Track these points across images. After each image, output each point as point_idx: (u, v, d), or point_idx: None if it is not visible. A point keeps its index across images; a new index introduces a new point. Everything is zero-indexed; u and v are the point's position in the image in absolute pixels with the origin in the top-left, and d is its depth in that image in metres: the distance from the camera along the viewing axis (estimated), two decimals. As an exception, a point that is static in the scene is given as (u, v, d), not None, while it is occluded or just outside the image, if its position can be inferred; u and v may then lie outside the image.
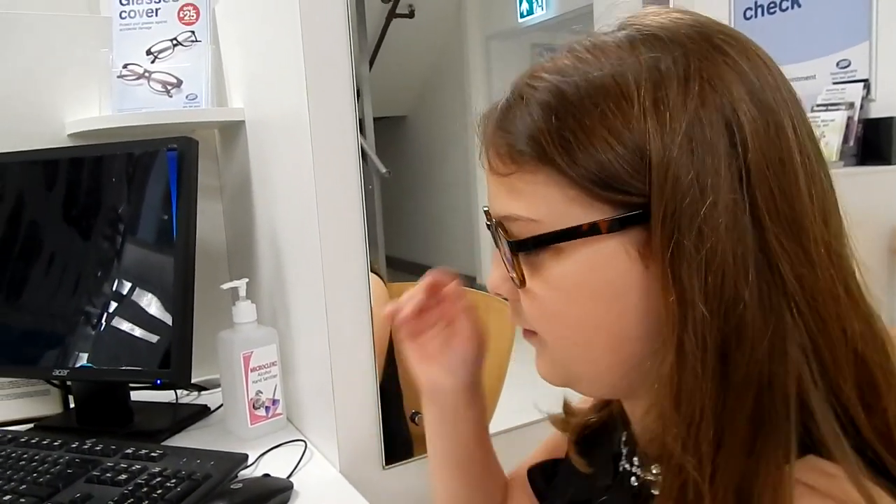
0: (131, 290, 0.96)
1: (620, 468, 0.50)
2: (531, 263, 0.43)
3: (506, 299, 0.48)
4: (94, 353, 0.97)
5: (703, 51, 0.39)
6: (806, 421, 0.38)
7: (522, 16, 4.11)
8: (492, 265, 0.48)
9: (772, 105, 0.39)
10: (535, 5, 4.01)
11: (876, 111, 2.49)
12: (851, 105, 2.39)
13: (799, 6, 2.36)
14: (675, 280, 0.37)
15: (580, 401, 0.62)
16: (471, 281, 4.65)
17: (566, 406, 0.61)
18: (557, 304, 0.43)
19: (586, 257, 0.41)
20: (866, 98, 2.48)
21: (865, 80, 2.48)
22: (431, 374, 0.65)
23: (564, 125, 0.40)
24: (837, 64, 2.55)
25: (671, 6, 0.46)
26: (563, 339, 0.44)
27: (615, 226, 0.39)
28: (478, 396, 0.67)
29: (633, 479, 0.48)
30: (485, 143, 0.45)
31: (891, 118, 2.43)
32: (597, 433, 0.56)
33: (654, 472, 0.45)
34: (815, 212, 0.39)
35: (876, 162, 2.33)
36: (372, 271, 1.11)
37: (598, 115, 0.39)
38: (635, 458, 0.48)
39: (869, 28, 2.46)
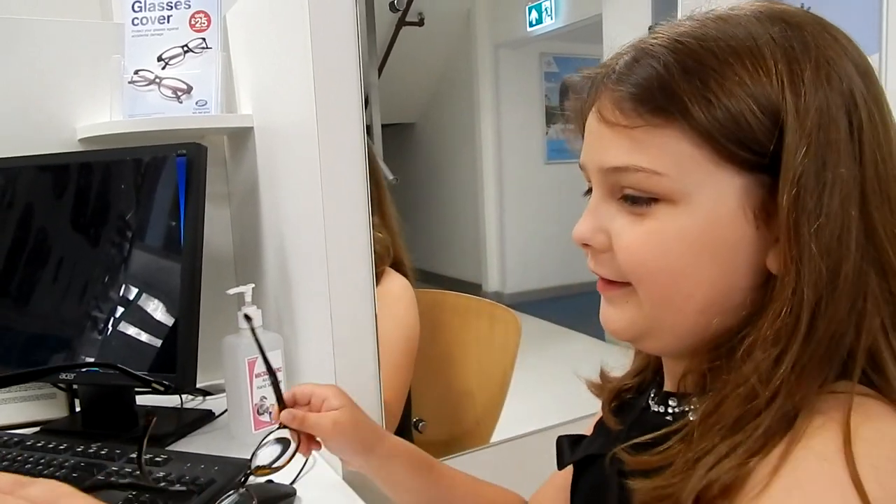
0: (138, 294, 0.97)
1: (651, 411, 0.52)
2: (639, 214, 0.45)
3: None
4: (101, 358, 0.97)
5: (825, 38, 0.44)
6: (871, 373, 0.42)
7: (531, 24, 4.12)
8: (583, 216, 0.49)
9: (878, 95, 0.44)
10: (543, 14, 4.02)
11: (886, 123, 2.47)
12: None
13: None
14: (796, 239, 0.41)
15: (616, 370, 0.63)
16: (476, 288, 4.66)
17: (602, 373, 0.62)
18: (665, 257, 0.44)
19: (706, 214, 0.43)
20: (876, 110, 2.47)
21: (875, 92, 2.47)
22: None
23: (706, 86, 0.42)
24: (847, 75, 2.53)
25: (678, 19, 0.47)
26: (662, 291, 0.45)
27: (741, 178, 0.43)
28: (379, 446, 0.72)
29: (668, 416, 0.50)
30: (593, 96, 0.47)
31: (900, 130, 2.41)
32: (631, 395, 0.58)
33: (693, 402, 0.47)
34: None
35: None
36: (396, 266, 1.12)
37: (737, 79, 0.42)
38: (671, 401, 0.50)
39: (879, 41, 2.45)
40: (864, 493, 0.35)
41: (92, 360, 0.97)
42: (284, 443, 0.72)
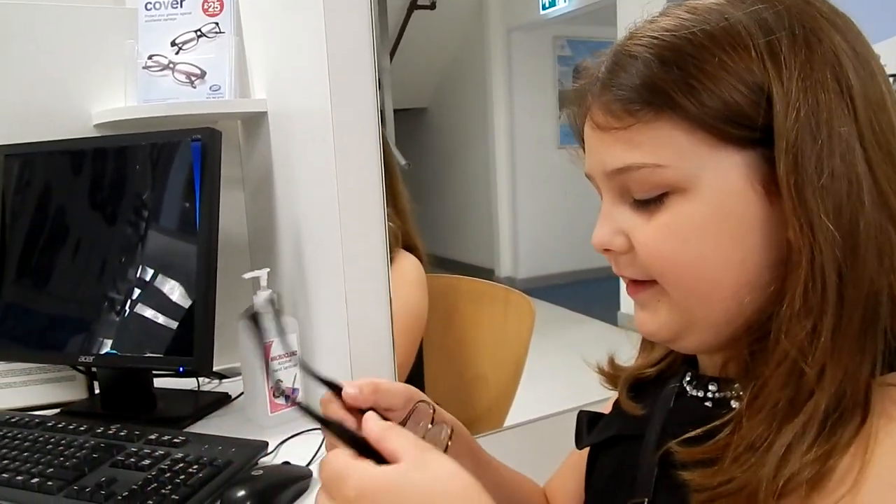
0: (154, 278, 0.98)
1: (688, 395, 0.52)
2: (652, 210, 0.46)
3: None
4: (119, 340, 0.99)
5: (799, 5, 0.44)
6: None
7: (544, 7, 4.08)
8: (598, 222, 0.49)
9: (864, 53, 0.44)
10: (557, -3, 3.97)
11: (906, 106, 2.44)
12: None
13: (828, -2, 2.32)
14: (800, 203, 0.41)
15: (626, 360, 0.63)
16: (489, 273, 4.65)
17: (612, 362, 0.62)
18: (685, 246, 0.45)
19: (716, 195, 0.44)
20: (896, 92, 2.43)
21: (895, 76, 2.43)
22: None
23: (687, 73, 0.43)
24: (867, 57, 2.49)
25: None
26: (688, 282, 0.45)
27: (741, 156, 0.43)
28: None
29: (707, 402, 0.50)
30: (585, 108, 0.49)
31: (921, 113, 2.38)
32: (650, 383, 0.58)
33: (735, 388, 0.47)
34: None
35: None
36: (409, 249, 1.12)
37: (717, 62, 0.43)
38: (711, 385, 0.50)
39: (900, 20, 2.40)
40: None
41: (110, 342, 0.99)
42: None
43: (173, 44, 1.13)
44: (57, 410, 1.04)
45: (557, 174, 4.26)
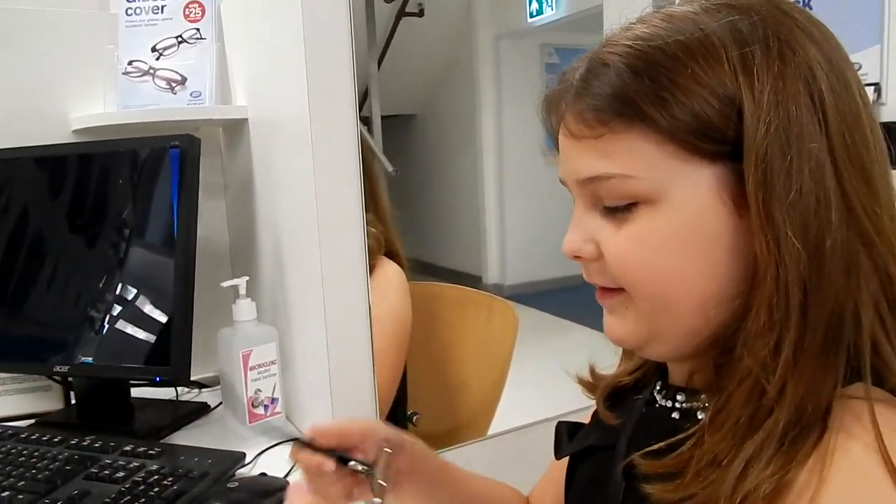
0: (132, 286, 0.96)
1: (657, 405, 0.52)
2: (621, 220, 0.45)
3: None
4: (95, 350, 0.97)
5: (775, 15, 0.44)
6: (869, 352, 0.41)
7: (532, 15, 4.09)
8: (570, 229, 0.49)
9: (839, 64, 0.43)
10: (544, 5, 3.99)
11: (887, 115, 2.46)
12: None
13: (810, 8, 2.34)
14: (767, 219, 0.41)
15: (605, 368, 0.63)
16: (477, 280, 4.65)
17: (592, 371, 0.62)
18: (654, 257, 0.45)
19: (685, 208, 0.43)
20: (877, 102, 2.45)
21: (876, 84, 2.46)
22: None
23: (659, 84, 0.42)
24: (849, 67, 2.51)
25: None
26: (656, 292, 0.45)
27: (710, 169, 0.43)
28: (425, 471, 0.65)
29: (674, 413, 0.50)
30: (559, 114, 0.48)
31: (902, 122, 2.40)
32: (628, 391, 0.58)
33: (701, 399, 0.48)
34: (879, 160, 0.43)
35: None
36: (390, 256, 1.11)
37: (689, 73, 0.42)
38: (678, 395, 0.50)
39: (880, 32, 2.43)
40: None
41: (86, 351, 0.97)
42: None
43: (154, 49, 1.12)
44: (32, 421, 1.02)
45: (545, 181, 4.27)
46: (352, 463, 0.57)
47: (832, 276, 0.41)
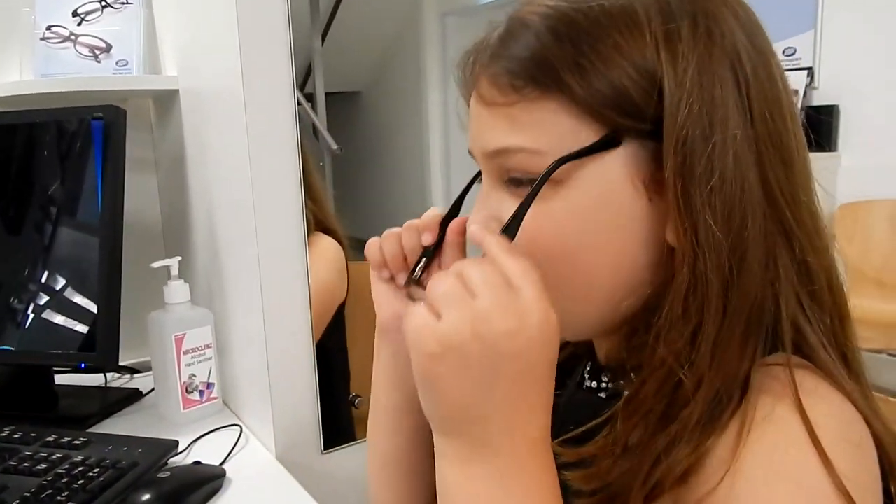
0: (53, 268, 0.91)
1: (584, 387, 0.51)
2: (524, 196, 0.42)
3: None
4: (14, 336, 0.91)
5: None
6: (791, 334, 0.41)
7: (479, -8, 4.06)
8: (474, 207, 0.46)
9: (764, 49, 0.42)
10: (491, -18, 3.96)
11: (818, 99, 2.56)
12: (795, 93, 2.46)
13: (749, -8, 2.40)
14: (686, 206, 0.39)
15: None
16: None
17: None
18: (560, 238, 0.42)
19: (593, 189, 0.41)
20: (810, 86, 2.54)
21: (809, 69, 2.54)
22: (395, 306, 0.56)
23: (578, 51, 0.40)
24: (783, 52, 2.60)
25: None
26: (561, 274, 0.42)
27: (623, 149, 0.40)
28: None
29: (601, 393, 0.49)
30: (474, 76, 0.45)
31: (833, 106, 2.50)
32: (559, 372, 0.55)
33: (622, 382, 0.47)
34: (799, 148, 0.42)
35: (818, 149, 2.41)
36: (326, 233, 1.07)
37: (611, 42, 0.39)
38: (603, 376, 0.49)
39: (815, 17, 2.51)
40: (837, 477, 0.35)
41: (5, 338, 0.91)
42: None
43: (75, 14, 1.04)
44: (-56, 411, 0.96)
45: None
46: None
47: (753, 266, 0.39)
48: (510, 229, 0.41)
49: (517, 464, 0.37)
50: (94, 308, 0.88)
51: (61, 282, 0.90)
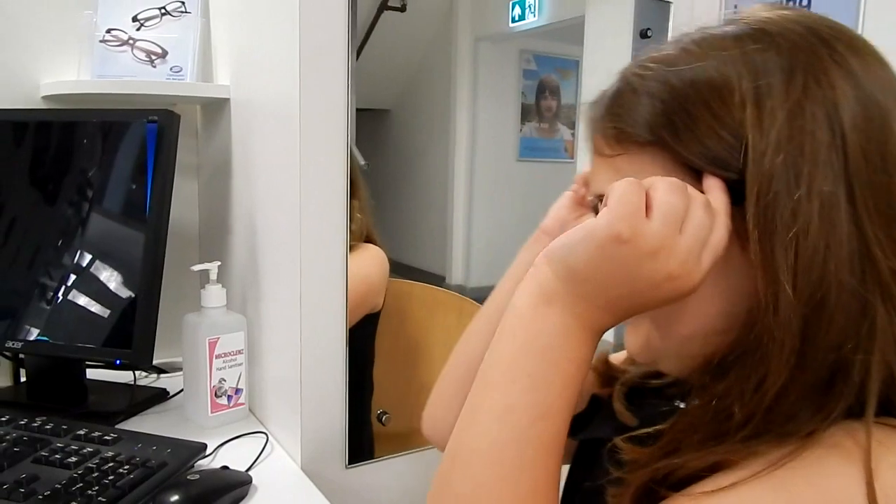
0: (96, 263, 0.92)
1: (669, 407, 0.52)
2: None
3: None
4: (51, 327, 0.93)
5: (810, 45, 0.42)
6: (874, 402, 0.39)
7: (514, 20, 4.10)
8: None
9: (879, 101, 0.41)
10: (527, 11, 4.00)
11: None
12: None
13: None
14: (765, 258, 0.40)
15: (622, 360, 0.62)
16: (440, 280, 4.63)
17: (608, 362, 0.62)
18: None
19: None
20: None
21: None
22: (562, 214, 0.64)
23: (672, 111, 0.43)
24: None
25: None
26: (672, 313, 0.45)
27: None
28: None
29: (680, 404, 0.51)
30: (592, 128, 0.49)
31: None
32: (648, 393, 0.56)
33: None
34: None
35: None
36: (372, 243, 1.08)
37: (701, 103, 0.42)
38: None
39: (855, 26, 2.49)
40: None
41: (40, 328, 0.92)
42: None
43: (135, 19, 1.07)
44: (-23, 398, 0.97)
45: (515, 187, 4.27)
46: None
47: (835, 325, 0.39)
48: None
49: (584, 331, 0.43)
50: (132, 304, 0.89)
51: (103, 278, 0.92)
